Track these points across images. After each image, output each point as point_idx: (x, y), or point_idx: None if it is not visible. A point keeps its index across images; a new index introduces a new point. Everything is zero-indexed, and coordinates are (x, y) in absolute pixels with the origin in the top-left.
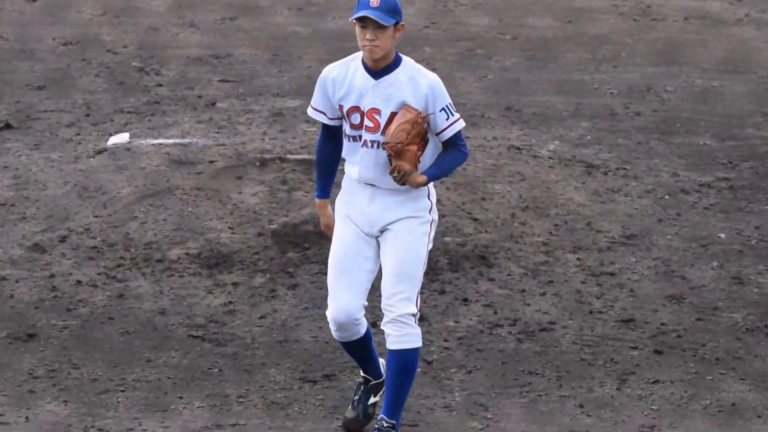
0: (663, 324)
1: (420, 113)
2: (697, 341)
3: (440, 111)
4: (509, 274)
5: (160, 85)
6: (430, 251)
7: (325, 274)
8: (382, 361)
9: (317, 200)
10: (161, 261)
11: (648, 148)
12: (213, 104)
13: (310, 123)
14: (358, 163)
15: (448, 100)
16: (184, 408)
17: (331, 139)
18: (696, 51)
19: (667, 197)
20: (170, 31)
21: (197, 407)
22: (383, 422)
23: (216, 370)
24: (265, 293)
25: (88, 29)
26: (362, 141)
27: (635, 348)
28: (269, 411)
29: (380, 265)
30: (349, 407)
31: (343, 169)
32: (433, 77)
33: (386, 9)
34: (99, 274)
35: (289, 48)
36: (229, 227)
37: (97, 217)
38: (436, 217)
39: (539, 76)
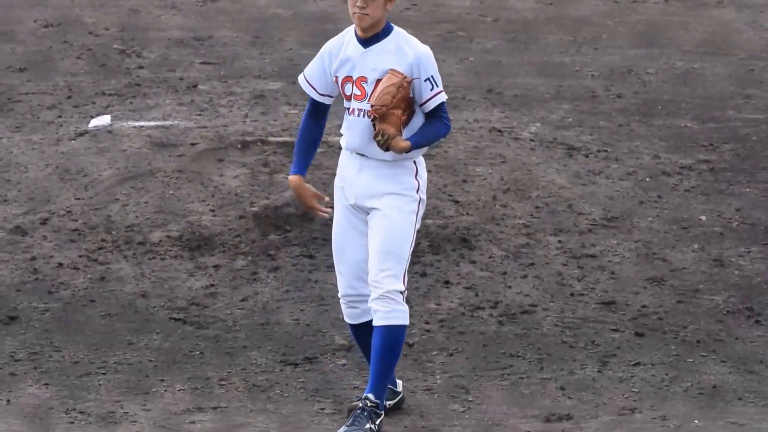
0: (644, 306)
1: (405, 77)
2: (678, 324)
3: (425, 81)
4: (490, 257)
5: (142, 68)
6: None
7: (306, 256)
8: (399, 382)
9: (291, 177)
10: (143, 243)
11: (629, 130)
12: (194, 86)
13: (292, 105)
14: (348, 132)
15: (434, 72)
16: (165, 391)
17: (316, 116)
18: (677, 33)
19: (648, 179)
20: (152, 14)
21: (179, 390)
22: (367, 401)
23: (197, 352)
24: (246, 276)
25: (69, 11)
26: (351, 111)
27: (616, 330)
28: (250, 394)
29: None
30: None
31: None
32: (423, 48)
33: None
34: (80, 256)
35: (271, 30)
36: (211, 210)
37: (78, 199)
38: (424, 197)
39: (520, 58)
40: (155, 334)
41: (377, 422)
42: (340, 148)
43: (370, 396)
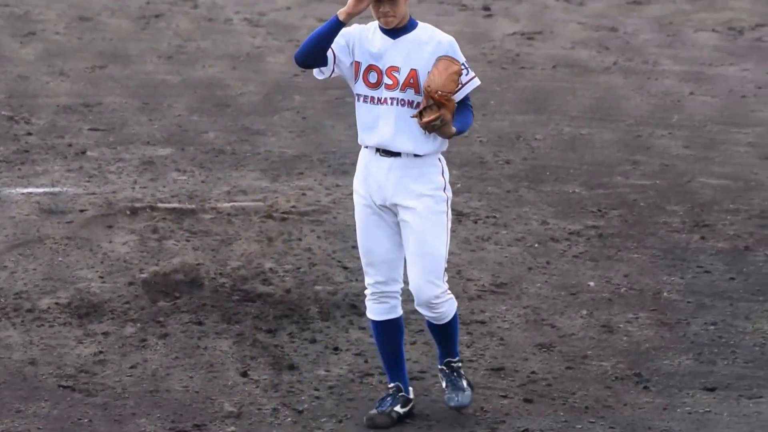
0: (533, 372)
1: (461, 66)
2: (566, 390)
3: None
4: None
5: (30, 134)
6: None
7: (195, 322)
8: (411, 389)
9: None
10: (31, 311)
11: (518, 196)
12: (83, 153)
13: (181, 171)
14: (375, 124)
15: (464, 58)
16: None
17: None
18: (565, 99)
19: (536, 245)
20: (40, 80)
21: None
22: (451, 364)
23: (86, 420)
24: (135, 343)
25: None
26: (381, 100)
27: (505, 397)
28: None
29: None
30: (374, 409)
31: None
32: (451, 37)
33: None
34: None
35: (159, 96)
36: (100, 276)
37: None
38: (450, 194)
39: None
40: (44, 401)
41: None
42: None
43: (451, 359)
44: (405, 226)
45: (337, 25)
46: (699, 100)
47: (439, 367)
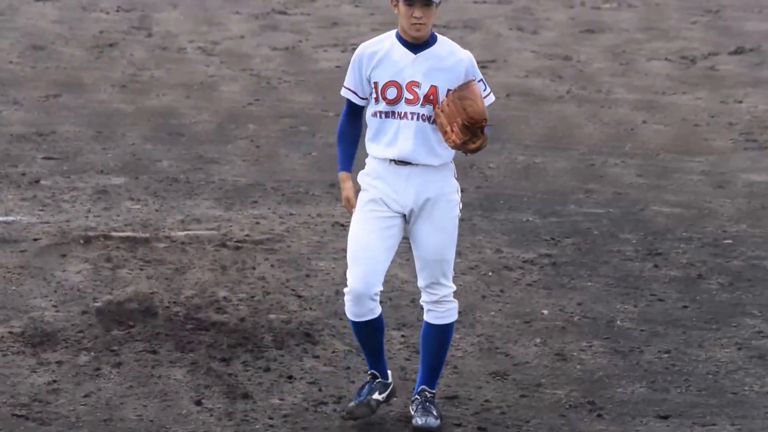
0: (487, 401)
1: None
2: (520, 418)
3: (478, 82)
4: (334, 351)
5: None
6: None
7: (150, 351)
8: (390, 373)
9: (340, 173)
10: None
11: (471, 224)
12: (37, 182)
13: (135, 200)
14: (394, 138)
15: (481, 74)
16: None
17: (355, 117)
18: (518, 128)
19: (490, 274)
20: None
21: None
22: (426, 393)
23: None
24: (89, 371)
25: None
26: (401, 114)
27: (459, 425)
28: None
29: (411, 245)
30: (352, 401)
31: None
32: (469, 53)
33: None
34: None
35: (113, 125)
36: (53, 305)
37: None
38: (460, 197)
39: (362, 152)
40: None
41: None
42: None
43: (427, 388)
44: (418, 229)
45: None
46: (652, 128)
47: (414, 396)
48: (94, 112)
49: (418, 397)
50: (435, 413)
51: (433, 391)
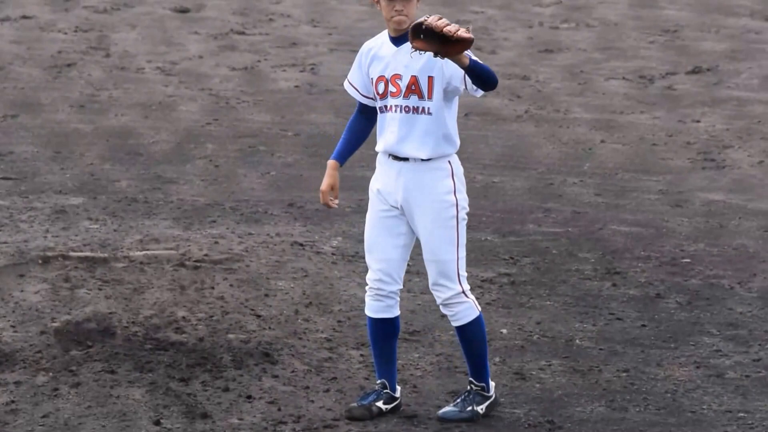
0: (446, 420)
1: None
2: None
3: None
4: (293, 371)
5: None
6: None
7: (108, 371)
8: (399, 388)
9: (329, 161)
10: None
11: None
12: None
13: (93, 220)
14: (384, 130)
15: None
16: None
17: (361, 114)
18: (477, 147)
19: None
20: None
21: None
22: (472, 385)
23: None
24: (47, 392)
25: None
26: (389, 108)
27: None
28: None
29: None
30: (355, 402)
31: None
32: None
33: None
34: None
35: (72, 145)
36: (11, 325)
37: None
38: (462, 195)
39: (321, 172)
40: None
41: (484, 405)
42: None
43: (474, 380)
44: (416, 230)
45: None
46: (610, 147)
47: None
48: (52, 132)
49: (467, 388)
50: (469, 410)
51: (480, 384)
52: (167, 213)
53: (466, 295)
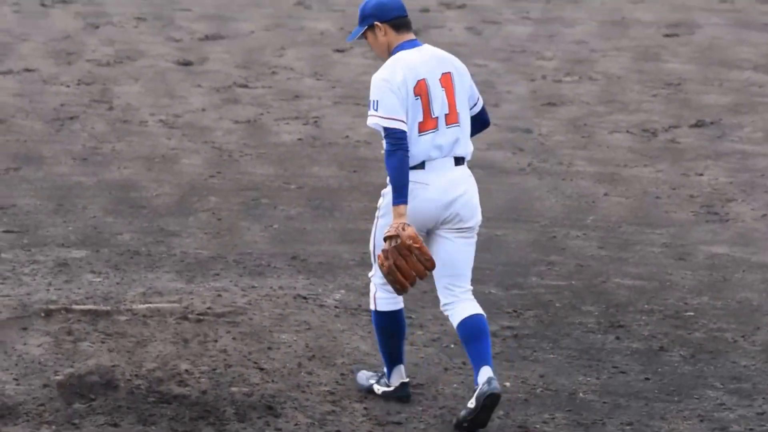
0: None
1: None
2: None
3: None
4: (296, 424)
5: None
6: None
7: (111, 424)
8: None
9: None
10: None
11: (433, 296)
12: None
13: (96, 273)
14: None
15: (372, 95)
16: None
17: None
18: (480, 200)
19: (452, 346)
20: None
21: None
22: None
23: None
24: None
25: None
26: None
27: None
28: None
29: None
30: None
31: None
32: (378, 73)
33: (357, 22)
34: None
35: (74, 198)
36: (14, 378)
37: None
38: (383, 201)
39: (324, 225)
40: None
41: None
42: None
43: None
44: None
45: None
46: (613, 200)
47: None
48: (54, 185)
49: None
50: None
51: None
52: (170, 266)
53: (371, 289)
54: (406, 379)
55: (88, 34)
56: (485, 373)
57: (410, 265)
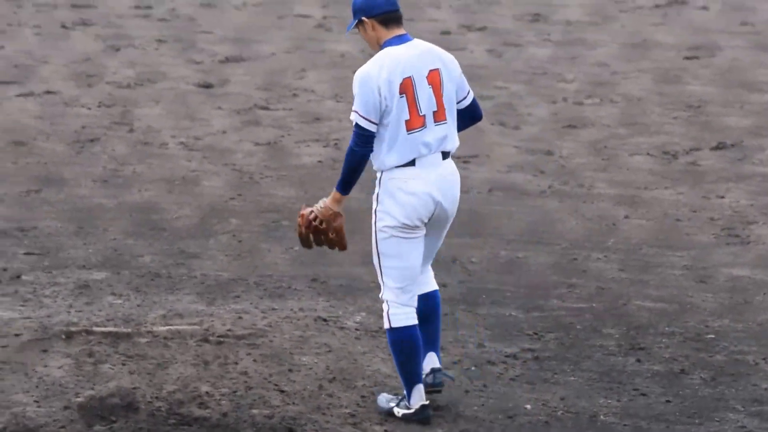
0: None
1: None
2: None
3: None
4: None
5: None
6: None
7: None
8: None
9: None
10: None
11: (454, 319)
12: (18, 277)
13: (117, 295)
14: None
15: (355, 92)
16: None
17: None
18: (501, 222)
19: (473, 368)
20: None
21: None
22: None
23: None
24: None
25: None
26: None
27: None
28: None
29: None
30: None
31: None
32: (359, 71)
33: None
34: None
35: (95, 220)
36: (35, 401)
37: None
38: (376, 205)
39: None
40: None
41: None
42: None
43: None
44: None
45: None
46: (634, 223)
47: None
48: (75, 207)
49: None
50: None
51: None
52: (191, 288)
53: (384, 304)
54: (427, 402)
55: (109, 57)
56: (431, 361)
57: (322, 241)
